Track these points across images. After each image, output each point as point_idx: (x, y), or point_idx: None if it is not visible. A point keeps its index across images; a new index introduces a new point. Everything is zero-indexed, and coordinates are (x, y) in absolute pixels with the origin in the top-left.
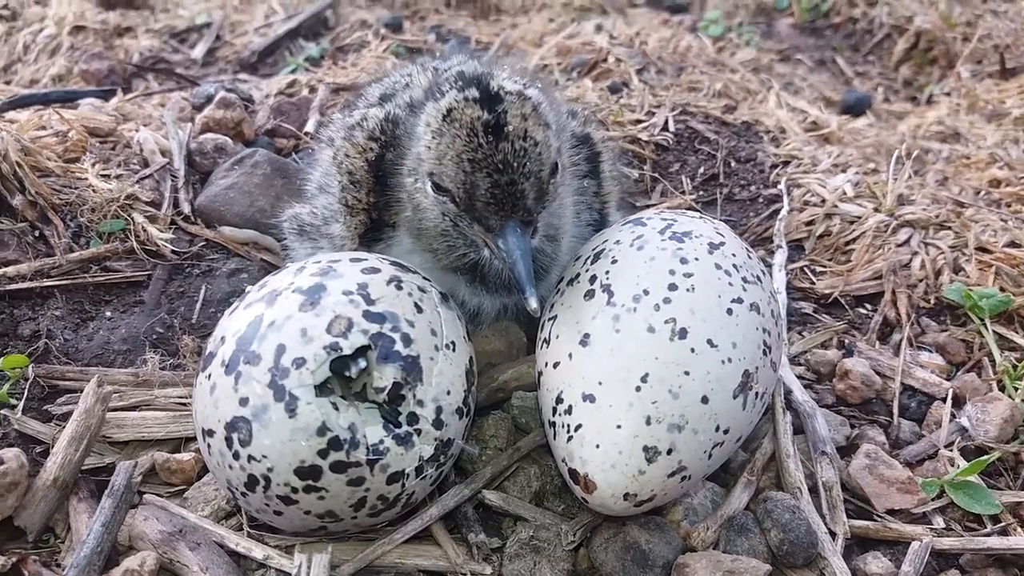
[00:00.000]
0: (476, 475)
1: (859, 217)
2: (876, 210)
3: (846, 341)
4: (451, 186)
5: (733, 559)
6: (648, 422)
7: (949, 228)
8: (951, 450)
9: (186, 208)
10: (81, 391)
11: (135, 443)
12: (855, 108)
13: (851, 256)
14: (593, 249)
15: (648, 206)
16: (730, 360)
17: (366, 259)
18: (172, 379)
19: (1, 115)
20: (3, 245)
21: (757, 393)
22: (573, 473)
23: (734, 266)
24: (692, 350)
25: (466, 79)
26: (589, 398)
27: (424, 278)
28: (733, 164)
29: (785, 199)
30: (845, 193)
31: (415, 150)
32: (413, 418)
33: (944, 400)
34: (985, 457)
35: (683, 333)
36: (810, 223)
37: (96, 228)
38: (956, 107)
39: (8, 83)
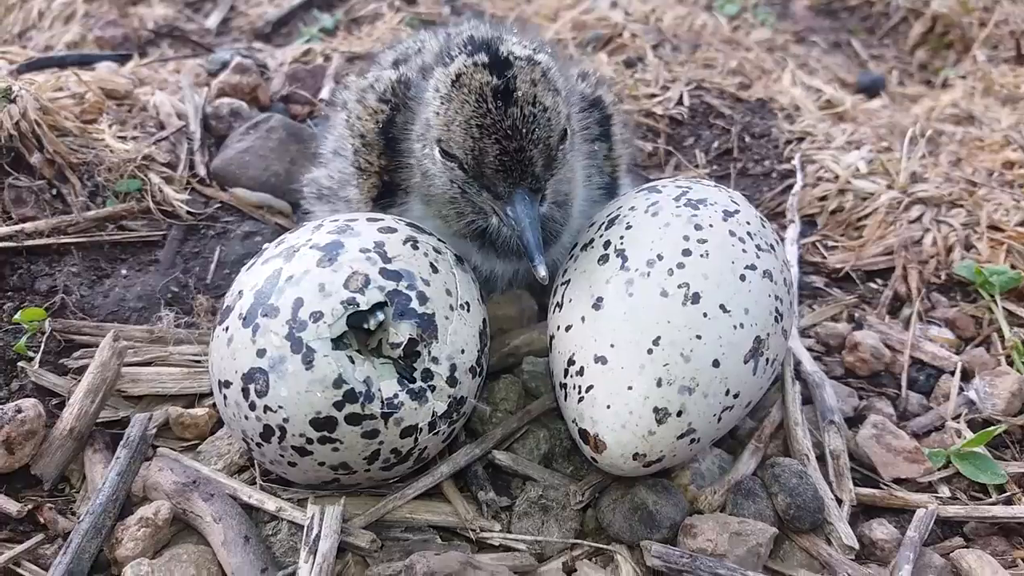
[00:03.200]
0: (487, 435)
1: (872, 193)
2: (889, 187)
3: (856, 315)
4: (459, 153)
5: (740, 521)
6: (659, 384)
7: (961, 206)
8: (958, 422)
9: (201, 170)
10: (97, 346)
11: (149, 397)
12: (869, 90)
13: (863, 232)
14: (607, 215)
15: (661, 179)
16: (742, 325)
17: (383, 219)
18: (186, 336)
19: (18, 77)
20: (21, 202)
21: (768, 359)
22: (583, 433)
23: (748, 234)
24: (704, 315)
25: (476, 44)
26: (601, 360)
27: (439, 240)
28: (747, 139)
29: (799, 174)
30: (858, 170)
31: (424, 116)
32: (427, 374)
33: (952, 374)
34: (991, 428)
35: (696, 298)
36: (823, 198)
37: (112, 187)
38: (971, 91)
39: (24, 48)
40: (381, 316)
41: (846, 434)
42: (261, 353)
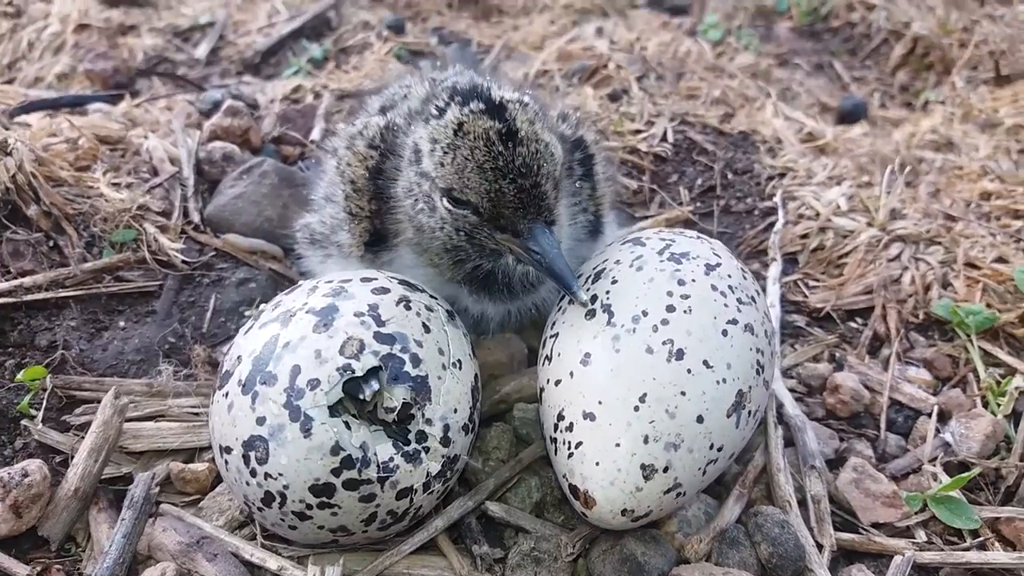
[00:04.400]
0: (479, 487)
1: (852, 231)
2: (869, 224)
3: (837, 355)
4: (474, 198)
5: (724, 572)
6: (646, 441)
7: (939, 243)
8: (935, 465)
9: (195, 217)
10: (97, 401)
11: (151, 453)
12: (851, 115)
13: (843, 270)
14: (594, 268)
15: (646, 217)
16: (725, 380)
17: (376, 278)
18: (185, 389)
19: (12, 120)
20: (19, 255)
21: (750, 411)
22: (573, 489)
23: (730, 287)
24: (688, 371)
25: (464, 93)
26: (589, 416)
27: (431, 296)
28: (730, 176)
29: (780, 212)
30: (839, 207)
31: (414, 171)
32: (421, 436)
33: (930, 415)
34: (967, 473)
35: (680, 354)
36: (804, 236)
37: (108, 238)
38: (950, 116)
39: (11, 81)
40: (376, 385)
41: (827, 478)
42: (260, 421)
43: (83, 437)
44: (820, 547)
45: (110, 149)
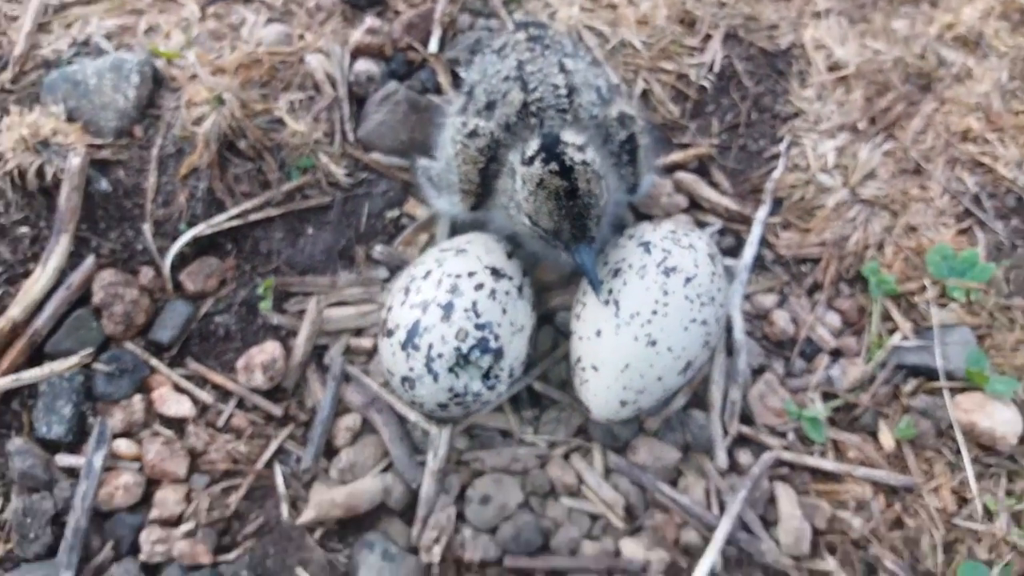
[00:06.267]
0: (531, 371)
1: (829, 189)
2: (844, 184)
3: (784, 291)
4: (543, 225)
5: (661, 447)
6: (624, 388)
7: (891, 209)
8: (816, 391)
9: (351, 137)
10: (303, 294)
11: (337, 331)
12: None
13: (812, 223)
14: (616, 263)
15: (682, 145)
16: (680, 357)
17: (476, 272)
18: (354, 280)
19: (204, 11)
20: (239, 181)
21: (695, 368)
22: (580, 402)
23: (697, 295)
24: (657, 353)
25: (548, 150)
26: (594, 368)
27: (509, 279)
28: (753, 115)
29: (782, 160)
30: (827, 163)
31: (513, 188)
32: (498, 376)
33: (827, 353)
34: (830, 403)
35: (654, 343)
36: (793, 186)
37: (294, 164)
38: (989, 10)
39: None
40: (475, 355)
41: (747, 385)
42: (411, 369)
43: (299, 319)
44: (726, 433)
45: (281, 62)
